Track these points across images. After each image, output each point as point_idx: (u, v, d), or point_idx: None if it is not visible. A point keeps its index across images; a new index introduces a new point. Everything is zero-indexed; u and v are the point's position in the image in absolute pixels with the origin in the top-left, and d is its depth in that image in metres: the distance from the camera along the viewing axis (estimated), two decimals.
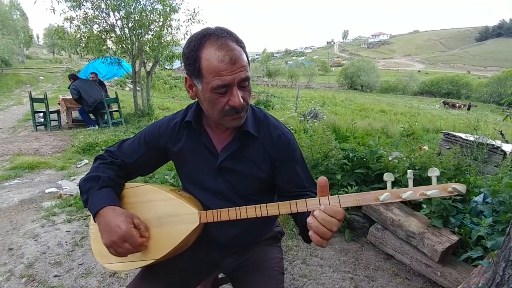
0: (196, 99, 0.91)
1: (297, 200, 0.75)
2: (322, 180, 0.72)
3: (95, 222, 0.84)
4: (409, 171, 0.72)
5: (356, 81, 43.16)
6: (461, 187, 0.66)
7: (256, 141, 0.94)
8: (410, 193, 0.68)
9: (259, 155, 0.95)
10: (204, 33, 0.78)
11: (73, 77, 7.22)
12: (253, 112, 0.98)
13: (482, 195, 2.36)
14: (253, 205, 0.80)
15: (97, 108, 6.96)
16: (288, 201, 0.76)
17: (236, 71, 0.76)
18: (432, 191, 0.67)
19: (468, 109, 23.80)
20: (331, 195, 0.73)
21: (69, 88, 7.11)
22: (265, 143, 0.95)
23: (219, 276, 1.29)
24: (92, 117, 7.18)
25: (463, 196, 2.41)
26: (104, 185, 0.88)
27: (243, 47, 0.80)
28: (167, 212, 0.88)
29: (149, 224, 0.88)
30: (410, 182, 0.72)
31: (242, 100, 0.80)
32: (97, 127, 7.00)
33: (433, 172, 0.69)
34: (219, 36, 0.77)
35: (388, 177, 0.71)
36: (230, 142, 0.93)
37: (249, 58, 0.84)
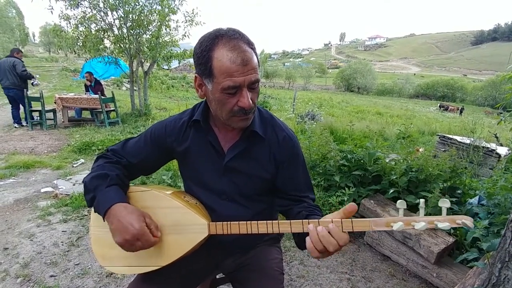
0: (204, 99, 0.91)
1: (309, 220, 0.76)
2: (352, 207, 0.70)
3: (105, 220, 0.83)
4: (421, 200, 0.72)
5: (353, 83, 43.46)
6: (470, 223, 0.66)
7: (263, 141, 0.95)
8: (423, 224, 0.67)
9: (265, 156, 0.95)
10: (216, 34, 0.79)
11: None
12: (259, 113, 0.98)
13: (477, 197, 2.38)
14: (265, 221, 0.80)
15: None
16: (301, 220, 0.77)
17: (247, 73, 0.77)
18: (444, 224, 0.67)
19: (460, 112, 24.20)
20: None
21: None
22: (271, 144, 0.95)
23: (217, 276, 1.29)
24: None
25: (459, 198, 2.44)
26: (113, 183, 0.87)
27: (253, 49, 0.81)
28: (176, 221, 0.87)
29: None
30: (422, 212, 0.71)
31: (251, 101, 0.81)
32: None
33: (444, 203, 0.69)
34: (232, 38, 0.78)
35: (400, 205, 0.71)
36: (237, 141, 0.94)
37: (259, 60, 0.85)
